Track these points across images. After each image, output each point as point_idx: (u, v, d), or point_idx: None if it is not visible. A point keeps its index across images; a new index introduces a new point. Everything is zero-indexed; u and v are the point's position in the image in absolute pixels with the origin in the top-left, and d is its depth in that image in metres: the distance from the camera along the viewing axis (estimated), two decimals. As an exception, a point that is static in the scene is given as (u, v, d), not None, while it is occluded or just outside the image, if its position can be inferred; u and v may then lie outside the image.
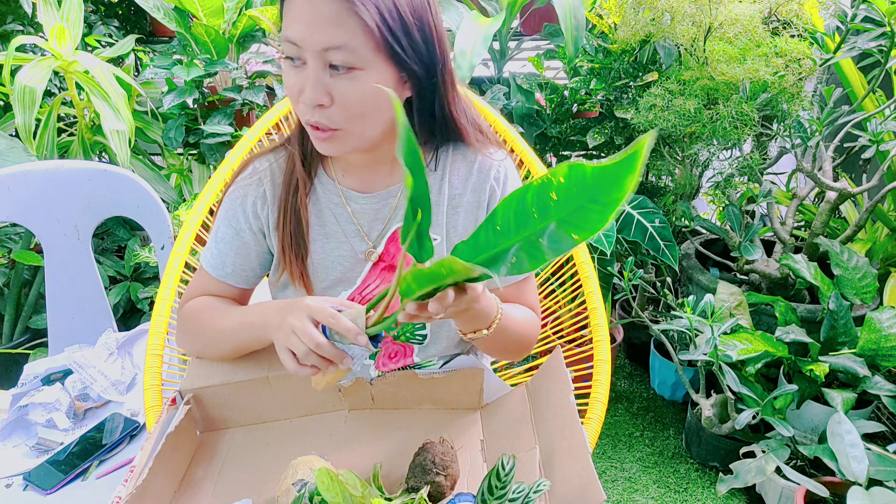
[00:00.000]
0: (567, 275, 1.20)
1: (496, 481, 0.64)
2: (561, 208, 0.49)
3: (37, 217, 1.30)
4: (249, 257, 0.89)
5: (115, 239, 1.93)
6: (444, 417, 0.88)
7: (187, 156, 2.02)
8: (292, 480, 0.71)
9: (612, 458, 1.82)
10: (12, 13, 1.95)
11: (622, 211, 1.72)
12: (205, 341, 0.88)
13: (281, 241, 0.87)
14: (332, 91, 0.72)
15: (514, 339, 0.86)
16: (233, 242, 0.88)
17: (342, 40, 0.69)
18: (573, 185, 0.48)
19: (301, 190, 0.85)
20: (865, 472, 1.28)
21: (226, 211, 0.89)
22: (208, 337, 0.87)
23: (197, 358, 0.89)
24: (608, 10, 1.75)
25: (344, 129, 0.75)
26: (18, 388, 1.13)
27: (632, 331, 2.18)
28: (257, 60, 2.00)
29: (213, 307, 0.88)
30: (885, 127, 1.51)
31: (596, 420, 1.00)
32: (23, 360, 1.70)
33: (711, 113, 1.51)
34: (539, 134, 1.91)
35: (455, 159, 0.89)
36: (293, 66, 0.74)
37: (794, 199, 1.78)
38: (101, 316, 1.37)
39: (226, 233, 0.89)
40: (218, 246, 0.89)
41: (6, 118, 1.76)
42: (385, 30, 0.70)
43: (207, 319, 0.87)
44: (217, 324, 0.85)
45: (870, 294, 1.59)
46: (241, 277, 0.90)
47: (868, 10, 1.45)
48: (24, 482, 0.95)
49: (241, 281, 0.90)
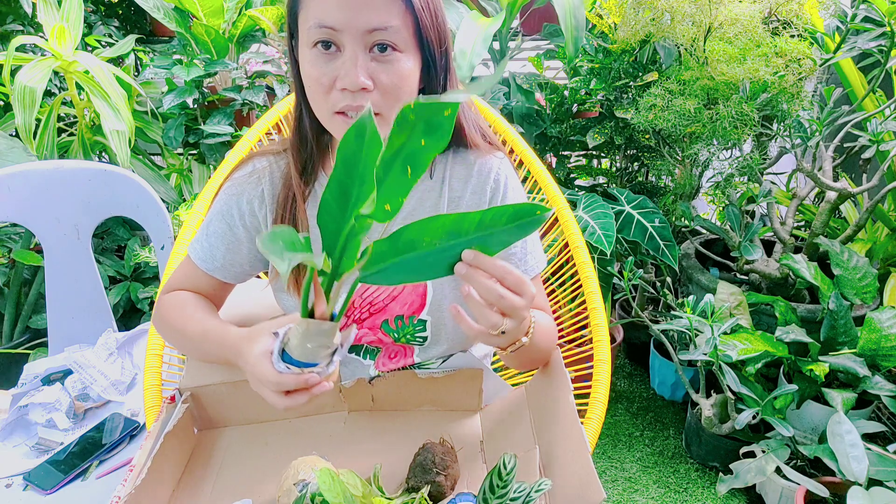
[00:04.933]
0: (567, 275, 1.20)
1: (498, 480, 0.64)
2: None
3: (37, 217, 1.30)
4: (240, 253, 0.89)
5: (115, 239, 1.93)
6: (444, 418, 0.88)
7: (187, 156, 2.02)
8: (293, 481, 0.71)
9: (612, 458, 1.82)
10: (12, 13, 1.95)
11: (622, 211, 1.72)
12: (174, 338, 0.89)
13: None
14: (374, 75, 0.72)
15: (543, 348, 0.81)
16: (225, 237, 0.88)
17: (388, 21, 0.71)
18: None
19: (298, 199, 0.85)
20: (865, 472, 1.28)
21: (221, 205, 0.88)
22: (177, 336, 0.88)
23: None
24: (608, 10, 1.75)
25: (381, 115, 0.75)
26: (18, 388, 1.13)
27: (632, 331, 2.18)
28: (257, 60, 2.00)
29: (185, 306, 0.88)
30: (885, 127, 1.51)
31: (596, 420, 1.00)
32: (23, 360, 1.70)
33: (711, 113, 1.51)
34: (539, 134, 1.91)
35: (454, 163, 0.89)
36: (324, 54, 0.73)
37: (794, 199, 1.78)
38: (101, 316, 1.37)
39: (219, 227, 0.88)
40: (209, 239, 0.89)
41: (6, 118, 1.76)
42: (424, 13, 0.72)
43: (177, 318, 0.87)
44: (184, 325, 0.85)
45: (870, 294, 1.59)
46: (228, 273, 0.90)
47: (868, 10, 1.46)
48: (24, 482, 0.95)
49: (228, 276, 0.90)
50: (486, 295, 0.61)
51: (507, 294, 0.61)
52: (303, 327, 0.58)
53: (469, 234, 0.56)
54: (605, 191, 1.92)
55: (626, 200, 1.74)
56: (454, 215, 0.55)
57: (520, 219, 0.56)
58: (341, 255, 0.54)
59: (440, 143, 0.51)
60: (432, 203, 0.87)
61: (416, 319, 0.89)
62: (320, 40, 0.72)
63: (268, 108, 1.37)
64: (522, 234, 0.57)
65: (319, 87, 0.74)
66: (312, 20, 0.71)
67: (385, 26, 0.71)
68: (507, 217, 0.56)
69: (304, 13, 0.73)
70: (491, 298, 0.61)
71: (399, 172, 0.52)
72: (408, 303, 0.88)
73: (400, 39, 0.72)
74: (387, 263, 0.56)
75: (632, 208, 1.72)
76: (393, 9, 0.71)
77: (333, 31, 0.71)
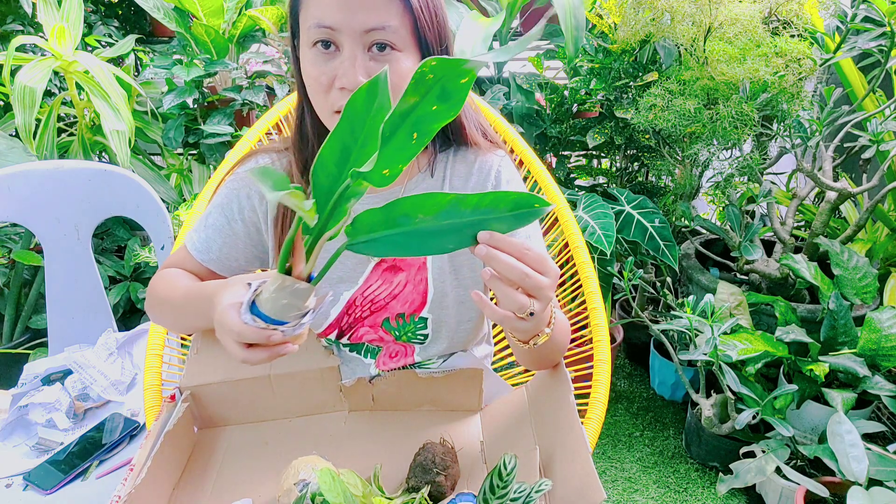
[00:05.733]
0: (567, 275, 1.20)
1: (498, 480, 0.64)
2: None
3: (37, 217, 1.30)
4: (236, 248, 0.89)
5: (115, 239, 1.93)
6: (445, 418, 0.88)
7: (187, 156, 2.02)
8: (294, 480, 0.71)
9: (612, 458, 1.82)
10: (12, 13, 1.95)
11: (622, 211, 1.72)
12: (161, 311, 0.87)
13: (278, 239, 0.87)
14: (372, 74, 0.72)
15: (561, 343, 0.78)
16: (223, 230, 0.88)
17: (386, 21, 0.71)
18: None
19: None
20: (865, 472, 1.28)
21: (221, 198, 0.88)
22: (164, 307, 0.86)
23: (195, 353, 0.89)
24: (608, 10, 1.75)
25: None
26: (18, 388, 1.13)
27: (632, 331, 2.18)
28: (257, 60, 2.00)
29: (172, 278, 0.87)
30: (885, 127, 1.51)
31: (596, 420, 1.00)
32: (23, 360, 1.70)
33: (711, 113, 1.51)
34: (539, 134, 1.91)
35: (455, 162, 0.89)
36: (323, 54, 0.73)
37: (794, 199, 1.78)
38: (101, 316, 1.37)
39: (217, 220, 0.88)
40: (206, 231, 0.89)
41: (6, 118, 1.76)
42: (423, 12, 0.73)
43: (163, 289, 0.86)
44: (169, 294, 0.84)
45: (870, 294, 1.59)
46: (223, 266, 0.89)
47: (868, 10, 1.46)
48: (24, 482, 0.95)
49: (223, 269, 0.90)
50: (511, 273, 0.58)
51: (531, 272, 0.59)
52: (277, 283, 0.56)
53: (465, 216, 0.55)
54: (605, 191, 1.92)
55: (626, 200, 1.74)
56: (452, 195, 0.53)
57: (518, 208, 0.54)
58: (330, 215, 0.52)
59: (452, 110, 0.50)
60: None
61: (417, 317, 0.89)
62: (319, 40, 0.73)
63: (268, 108, 1.37)
64: (519, 224, 0.55)
65: (319, 86, 0.74)
66: (312, 20, 0.72)
67: (383, 26, 0.71)
68: (507, 204, 0.54)
69: (304, 13, 0.74)
70: (515, 277, 0.58)
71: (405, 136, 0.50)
72: (409, 301, 0.89)
73: (398, 39, 0.73)
74: (377, 234, 0.55)
75: (632, 208, 1.72)
76: (391, 8, 0.71)
77: (332, 30, 0.71)
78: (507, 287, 0.60)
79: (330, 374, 0.87)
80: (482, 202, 0.54)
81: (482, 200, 0.54)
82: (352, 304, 0.89)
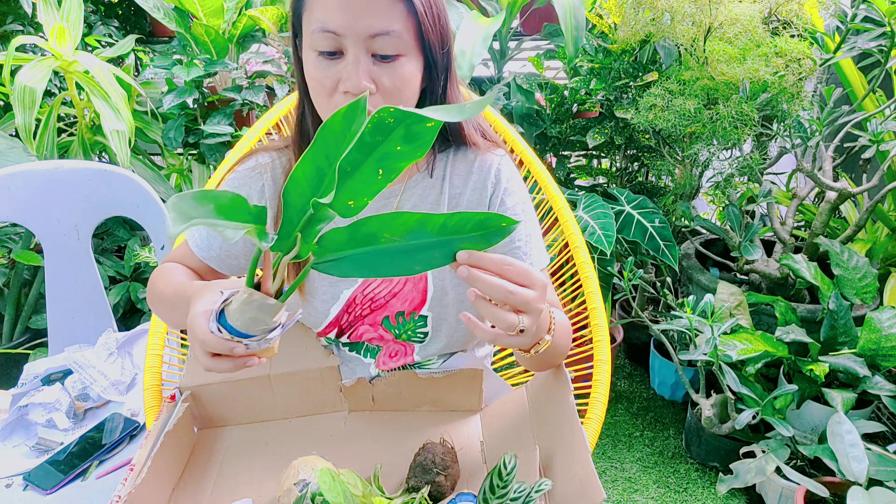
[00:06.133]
0: (567, 275, 1.20)
1: (498, 480, 0.64)
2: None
3: (37, 217, 1.30)
4: (236, 246, 0.89)
5: (115, 239, 1.93)
6: (445, 418, 0.88)
7: (187, 156, 2.02)
8: (294, 480, 0.71)
9: (612, 458, 1.82)
10: (12, 13, 1.95)
11: (622, 211, 1.72)
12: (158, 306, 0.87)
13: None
14: (377, 78, 0.73)
15: (563, 345, 0.78)
16: None
17: (390, 26, 0.71)
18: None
19: None
20: (865, 472, 1.28)
21: None
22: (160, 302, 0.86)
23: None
24: (608, 10, 1.75)
25: None
26: (18, 388, 1.13)
27: (632, 331, 2.18)
28: (257, 60, 2.00)
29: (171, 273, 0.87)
30: (885, 127, 1.51)
31: (596, 420, 1.00)
32: (23, 360, 1.70)
33: (711, 113, 1.51)
34: (539, 134, 1.92)
35: (455, 161, 0.89)
36: (326, 59, 0.73)
37: (794, 199, 1.78)
38: (101, 316, 1.37)
39: None
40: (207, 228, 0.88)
41: (6, 118, 1.76)
42: (426, 16, 0.72)
43: (160, 283, 0.86)
44: (164, 289, 0.84)
45: (870, 294, 1.59)
46: (224, 263, 0.90)
47: (868, 10, 1.46)
48: (24, 482, 0.95)
49: (223, 267, 0.90)
50: (494, 293, 0.58)
51: (515, 289, 0.58)
52: (244, 296, 0.56)
53: (431, 236, 0.54)
54: (605, 191, 1.92)
55: (626, 200, 1.74)
56: (418, 214, 0.53)
57: (485, 228, 0.54)
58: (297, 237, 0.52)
59: (418, 152, 0.50)
60: (433, 200, 0.88)
61: (417, 315, 0.89)
62: (322, 46, 0.72)
63: (268, 108, 1.37)
64: (486, 244, 0.55)
65: (322, 89, 0.74)
66: (316, 23, 0.72)
67: (387, 30, 0.71)
68: (472, 225, 0.54)
69: (307, 15, 0.74)
70: (500, 296, 0.58)
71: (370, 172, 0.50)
72: (408, 299, 0.89)
73: (402, 44, 0.72)
74: (343, 253, 0.54)
75: (632, 208, 1.72)
76: (395, 12, 0.71)
77: (336, 34, 0.71)
78: (492, 307, 0.59)
79: (330, 375, 0.87)
80: (448, 223, 0.54)
81: (448, 221, 0.54)
82: (351, 302, 0.89)
